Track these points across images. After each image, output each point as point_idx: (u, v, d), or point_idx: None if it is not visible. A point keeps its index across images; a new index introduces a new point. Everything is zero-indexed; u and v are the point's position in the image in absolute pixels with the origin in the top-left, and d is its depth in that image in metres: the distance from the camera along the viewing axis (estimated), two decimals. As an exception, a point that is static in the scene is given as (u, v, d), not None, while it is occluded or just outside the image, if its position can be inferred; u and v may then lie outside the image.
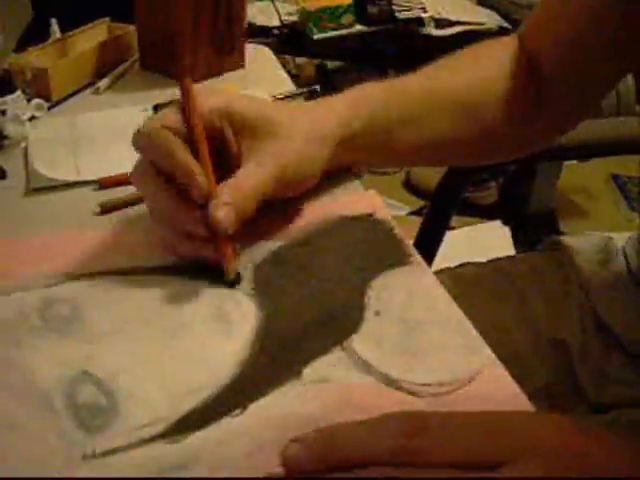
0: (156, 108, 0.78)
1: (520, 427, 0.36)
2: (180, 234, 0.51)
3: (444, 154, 0.66)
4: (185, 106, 0.52)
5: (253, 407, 0.42)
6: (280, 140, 0.52)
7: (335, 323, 0.49)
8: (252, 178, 0.50)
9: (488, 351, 0.47)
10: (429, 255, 0.90)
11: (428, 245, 0.92)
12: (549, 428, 0.36)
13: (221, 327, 0.48)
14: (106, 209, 0.61)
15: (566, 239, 0.76)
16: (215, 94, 0.54)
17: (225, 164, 0.52)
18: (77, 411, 0.42)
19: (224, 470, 0.39)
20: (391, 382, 0.44)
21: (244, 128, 0.52)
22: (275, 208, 0.59)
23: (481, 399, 0.43)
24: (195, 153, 0.50)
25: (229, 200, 0.48)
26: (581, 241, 0.75)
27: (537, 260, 0.77)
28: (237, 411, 0.42)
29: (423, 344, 0.47)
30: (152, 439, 0.40)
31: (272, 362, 0.45)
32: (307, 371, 0.45)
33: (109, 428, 0.41)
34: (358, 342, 0.47)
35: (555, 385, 0.66)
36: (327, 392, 0.43)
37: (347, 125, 0.56)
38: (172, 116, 0.51)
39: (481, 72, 0.63)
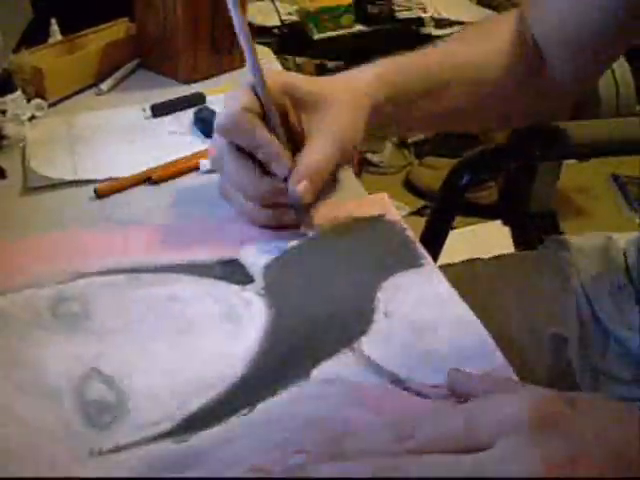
0: (153, 108, 0.78)
1: (497, 407, 0.37)
2: (261, 205, 0.56)
3: (460, 121, 0.72)
4: (260, 87, 0.55)
5: (261, 407, 0.42)
6: (334, 114, 0.57)
7: (344, 324, 0.48)
8: (321, 153, 0.56)
9: (498, 354, 0.47)
10: (432, 255, 0.90)
11: (432, 245, 0.92)
12: (524, 402, 0.36)
13: (230, 326, 0.48)
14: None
15: (567, 238, 0.76)
16: (272, 74, 0.57)
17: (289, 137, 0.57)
18: (86, 408, 0.42)
19: (231, 469, 0.39)
20: (400, 383, 0.44)
21: (301, 103, 0.57)
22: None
23: None
24: (272, 130, 0.55)
25: (305, 172, 0.54)
26: (582, 240, 0.75)
27: (538, 258, 0.78)
28: (245, 410, 0.42)
29: (433, 346, 0.47)
30: (160, 437, 0.40)
31: (281, 362, 0.46)
32: (316, 371, 0.45)
33: (117, 425, 0.41)
34: (367, 343, 0.47)
35: (554, 380, 0.67)
36: (336, 392, 0.43)
37: (376, 97, 0.61)
38: (248, 97, 0.55)
39: (489, 46, 0.68)
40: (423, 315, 0.49)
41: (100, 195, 0.62)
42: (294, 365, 0.45)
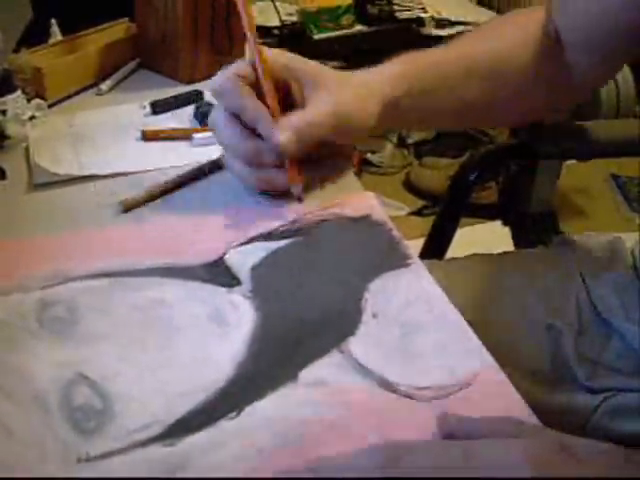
0: (153, 105, 0.78)
1: (497, 446, 0.36)
2: (253, 167, 0.59)
3: (476, 116, 0.72)
4: (254, 55, 0.59)
5: (249, 410, 0.42)
6: (333, 93, 0.59)
7: (332, 325, 0.48)
8: (311, 112, 0.58)
9: (486, 354, 0.47)
10: (440, 253, 0.92)
11: (440, 242, 0.94)
12: (518, 453, 0.35)
13: (218, 329, 0.48)
14: (128, 207, 0.61)
15: (574, 236, 0.77)
16: (276, 52, 0.61)
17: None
18: (72, 413, 0.42)
19: (219, 473, 0.38)
20: (388, 385, 0.44)
21: (303, 81, 0.60)
22: (272, 209, 0.59)
23: (479, 402, 0.43)
24: (262, 98, 0.59)
25: (290, 125, 0.57)
26: (589, 239, 0.76)
27: (541, 254, 0.79)
28: (233, 414, 0.42)
29: (421, 347, 0.47)
30: (147, 442, 0.40)
31: (269, 365, 0.45)
32: (304, 374, 0.45)
33: (104, 430, 0.41)
34: (355, 345, 0.47)
35: (552, 371, 0.67)
36: (324, 395, 0.43)
37: (393, 88, 0.62)
38: (241, 66, 0.59)
39: (508, 41, 0.68)
40: (411, 316, 0.49)
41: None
42: (282, 367, 0.45)
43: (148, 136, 0.72)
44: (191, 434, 0.41)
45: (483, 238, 1.84)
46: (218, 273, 0.53)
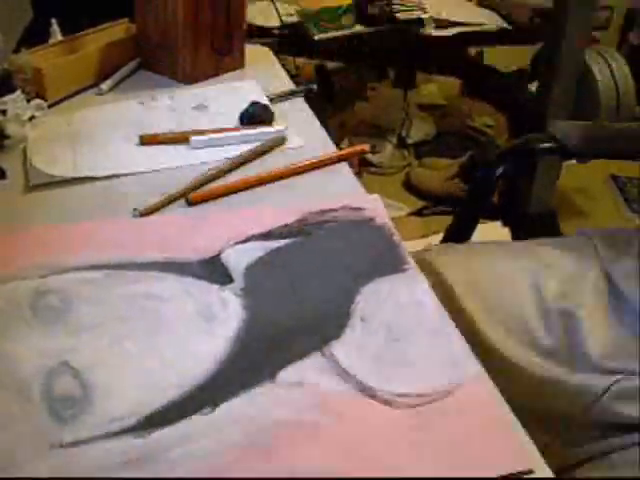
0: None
1: None
2: None
3: None
4: None
5: (224, 406, 0.43)
6: None
7: (318, 328, 0.48)
8: None
9: (473, 363, 0.46)
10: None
11: (460, 237, 0.94)
12: None
13: (205, 325, 0.49)
14: (145, 213, 0.60)
15: (594, 229, 0.77)
16: None
17: None
18: (52, 401, 0.42)
19: (188, 466, 0.39)
20: (367, 390, 0.44)
21: None
22: (273, 208, 0.59)
23: (458, 412, 0.43)
24: None
25: None
26: (608, 229, 0.77)
27: (559, 241, 0.80)
28: (207, 409, 0.42)
29: (406, 354, 0.47)
30: (121, 432, 0.41)
31: (249, 363, 0.46)
32: (282, 374, 0.45)
33: (81, 419, 0.41)
34: (339, 348, 0.47)
35: (562, 350, 0.68)
36: (299, 396, 0.43)
37: None
38: None
39: None
40: (400, 322, 0.49)
41: (192, 202, 0.61)
42: (262, 367, 0.45)
43: (145, 141, 0.72)
44: (164, 427, 0.41)
45: (483, 238, 1.84)
46: (213, 270, 0.53)
